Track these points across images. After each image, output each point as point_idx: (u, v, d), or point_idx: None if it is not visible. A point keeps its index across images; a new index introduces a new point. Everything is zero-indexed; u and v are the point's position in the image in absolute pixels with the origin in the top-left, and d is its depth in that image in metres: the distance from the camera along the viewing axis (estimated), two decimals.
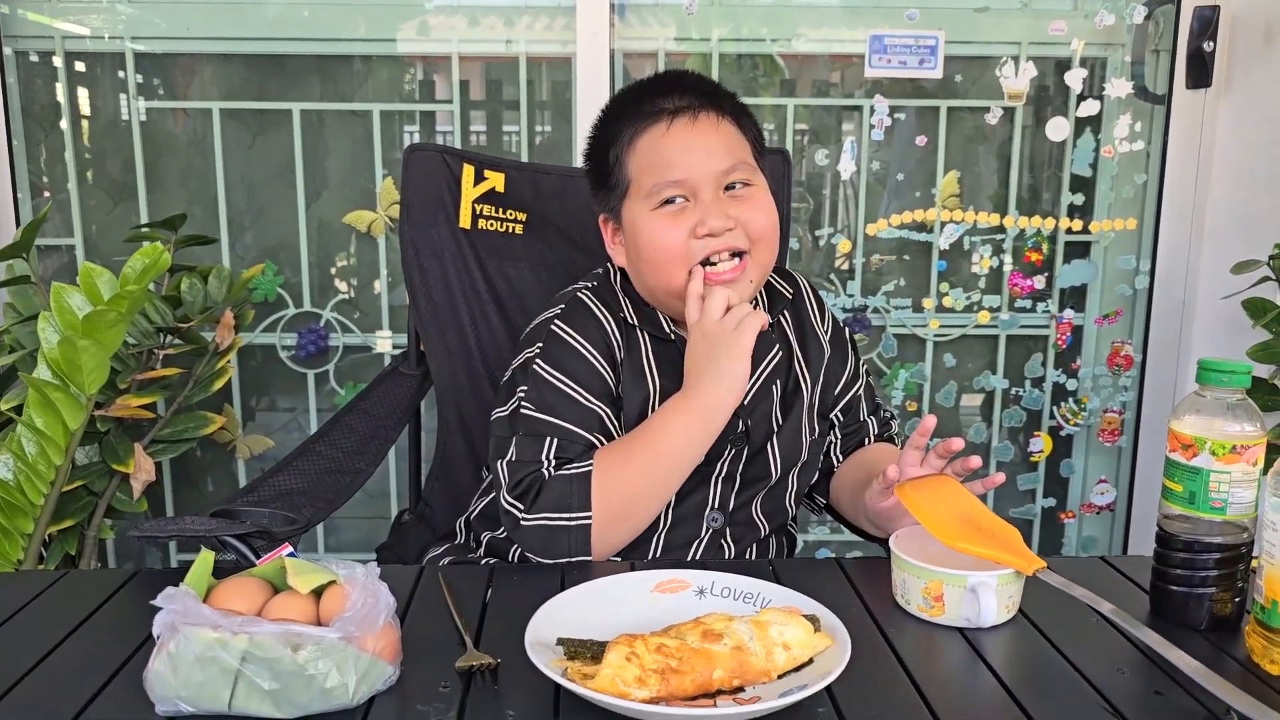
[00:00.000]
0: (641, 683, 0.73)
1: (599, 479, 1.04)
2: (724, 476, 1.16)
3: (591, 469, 1.05)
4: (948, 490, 1.00)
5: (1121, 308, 2.10)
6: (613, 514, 1.04)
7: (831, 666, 0.76)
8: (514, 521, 1.07)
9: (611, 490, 1.04)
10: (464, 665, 0.81)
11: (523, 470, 1.08)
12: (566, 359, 1.13)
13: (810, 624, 0.80)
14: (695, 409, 1.05)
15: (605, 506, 1.04)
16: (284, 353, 2.05)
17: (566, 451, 1.08)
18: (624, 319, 1.16)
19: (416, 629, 0.89)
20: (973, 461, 1.04)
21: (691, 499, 1.14)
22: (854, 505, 1.22)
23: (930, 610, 0.91)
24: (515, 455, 1.09)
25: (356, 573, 0.83)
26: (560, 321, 1.16)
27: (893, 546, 0.95)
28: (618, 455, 1.06)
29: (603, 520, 1.04)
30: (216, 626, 0.75)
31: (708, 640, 0.77)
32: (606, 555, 1.07)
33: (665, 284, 1.12)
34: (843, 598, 0.97)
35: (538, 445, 1.09)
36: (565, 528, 1.04)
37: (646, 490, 1.05)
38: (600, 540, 1.04)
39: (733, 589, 0.90)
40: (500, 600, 0.95)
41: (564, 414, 1.10)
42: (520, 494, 1.07)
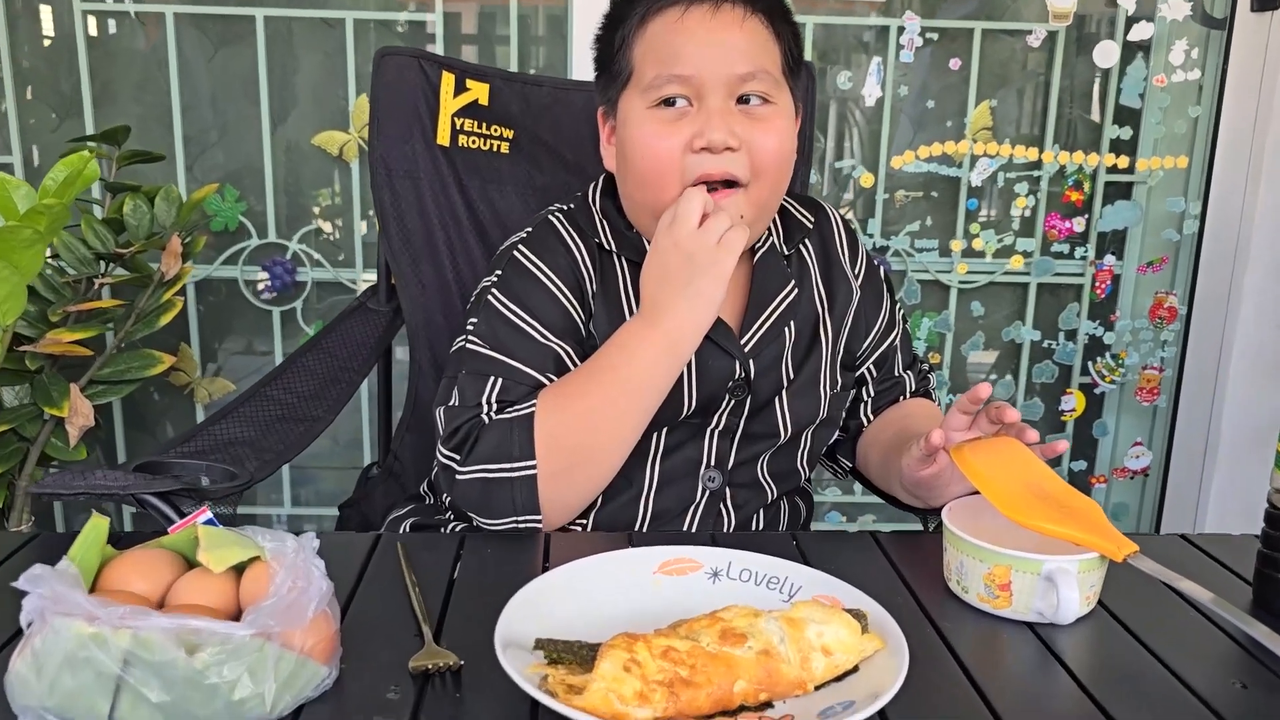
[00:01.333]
0: (644, 699, 0.56)
1: (544, 421, 0.88)
2: (721, 430, 0.99)
3: (534, 410, 0.88)
4: (1013, 455, 0.83)
5: (1166, 255, 1.93)
6: (562, 462, 0.87)
7: (883, 679, 0.60)
8: (450, 476, 0.90)
9: (559, 434, 0.87)
10: (419, 665, 0.65)
11: (460, 416, 0.91)
12: (526, 290, 0.96)
13: (856, 621, 0.63)
14: (661, 336, 0.88)
15: (552, 453, 0.87)
16: (247, 288, 1.86)
17: (510, 393, 0.91)
18: (599, 244, 0.99)
19: (366, 615, 0.73)
20: (1030, 434, 0.87)
21: (683, 454, 0.97)
22: (886, 471, 1.05)
23: (994, 601, 0.74)
24: (456, 399, 0.92)
25: (286, 547, 0.66)
26: (524, 247, 0.99)
27: (947, 521, 0.78)
28: (566, 392, 0.90)
29: (550, 470, 0.87)
30: (93, 618, 0.58)
31: (728, 642, 0.60)
32: (562, 517, 0.90)
33: (652, 200, 0.94)
34: (884, 583, 0.80)
35: (479, 386, 0.92)
36: (506, 480, 0.87)
37: (602, 433, 0.88)
38: (551, 496, 0.87)
39: (754, 571, 0.74)
40: (470, 578, 0.79)
41: (514, 351, 0.93)
42: (457, 444, 0.90)
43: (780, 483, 1.05)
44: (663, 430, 0.97)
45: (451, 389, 0.94)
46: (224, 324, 1.91)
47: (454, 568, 0.80)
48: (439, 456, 0.92)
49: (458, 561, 0.82)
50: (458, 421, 0.90)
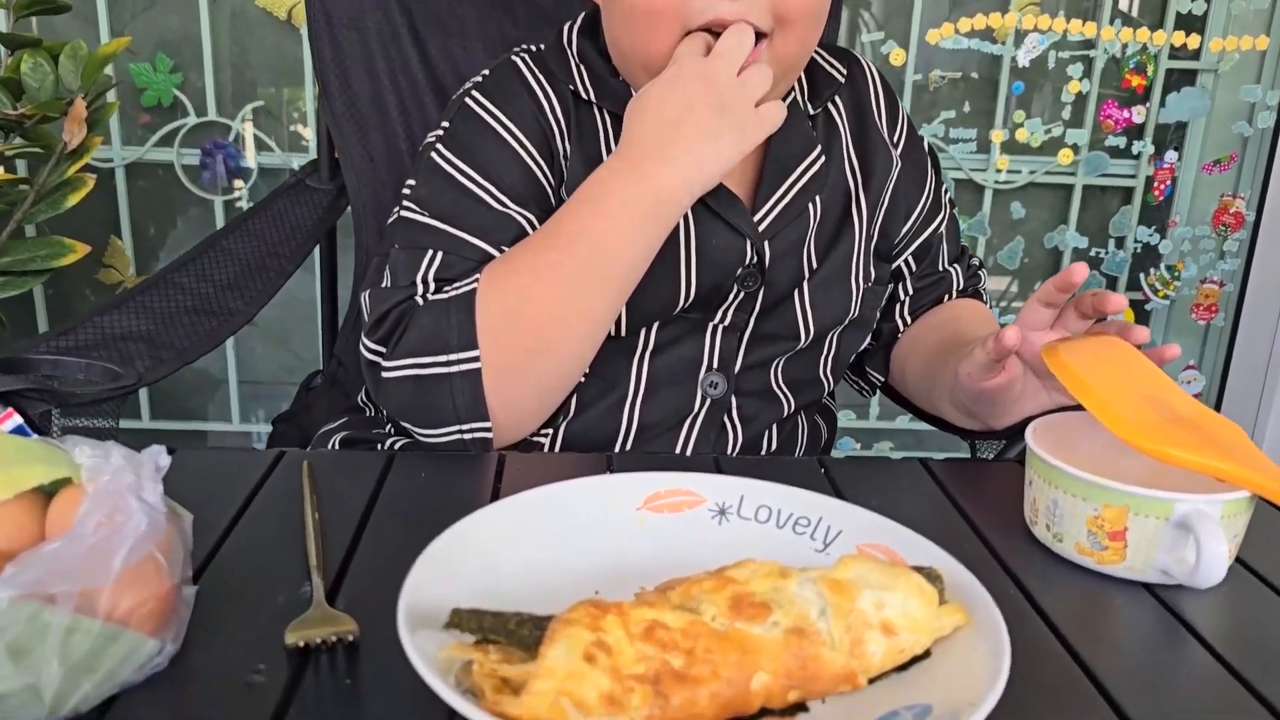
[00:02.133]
0: (614, 705, 0.36)
1: (489, 298, 0.67)
2: (727, 326, 0.78)
3: (476, 286, 0.68)
4: (1123, 359, 0.62)
5: (1235, 152, 1.70)
6: (513, 352, 0.67)
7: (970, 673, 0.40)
8: (376, 374, 0.70)
9: (508, 315, 0.67)
10: (300, 637, 0.45)
11: (388, 299, 0.71)
12: (478, 144, 0.75)
13: (930, 585, 0.43)
14: (648, 192, 0.67)
15: (499, 341, 0.67)
16: (184, 173, 1.63)
17: (452, 270, 0.71)
18: (574, 93, 0.77)
19: (242, 564, 0.53)
20: (1138, 333, 0.66)
21: (678, 352, 0.77)
22: (931, 383, 0.85)
23: (1100, 555, 0.55)
24: (387, 279, 0.72)
25: (110, 463, 0.46)
26: (478, 93, 0.78)
27: (1035, 446, 0.58)
28: (517, 263, 0.69)
29: (498, 363, 0.67)
30: None
31: (743, 616, 0.40)
32: (518, 424, 0.70)
33: (642, 48, 0.72)
34: (944, 527, 0.61)
35: (414, 262, 0.71)
36: (443, 377, 0.67)
37: (564, 314, 0.68)
38: (501, 396, 0.67)
39: (775, 508, 0.54)
40: (392, 512, 0.59)
41: (459, 218, 0.72)
42: (384, 334, 0.70)
43: (799, 394, 0.84)
44: (653, 326, 0.76)
45: (382, 268, 0.73)
46: (160, 215, 1.69)
47: (373, 495, 0.60)
48: (363, 350, 0.71)
49: (379, 490, 0.61)
50: (385, 305, 0.70)
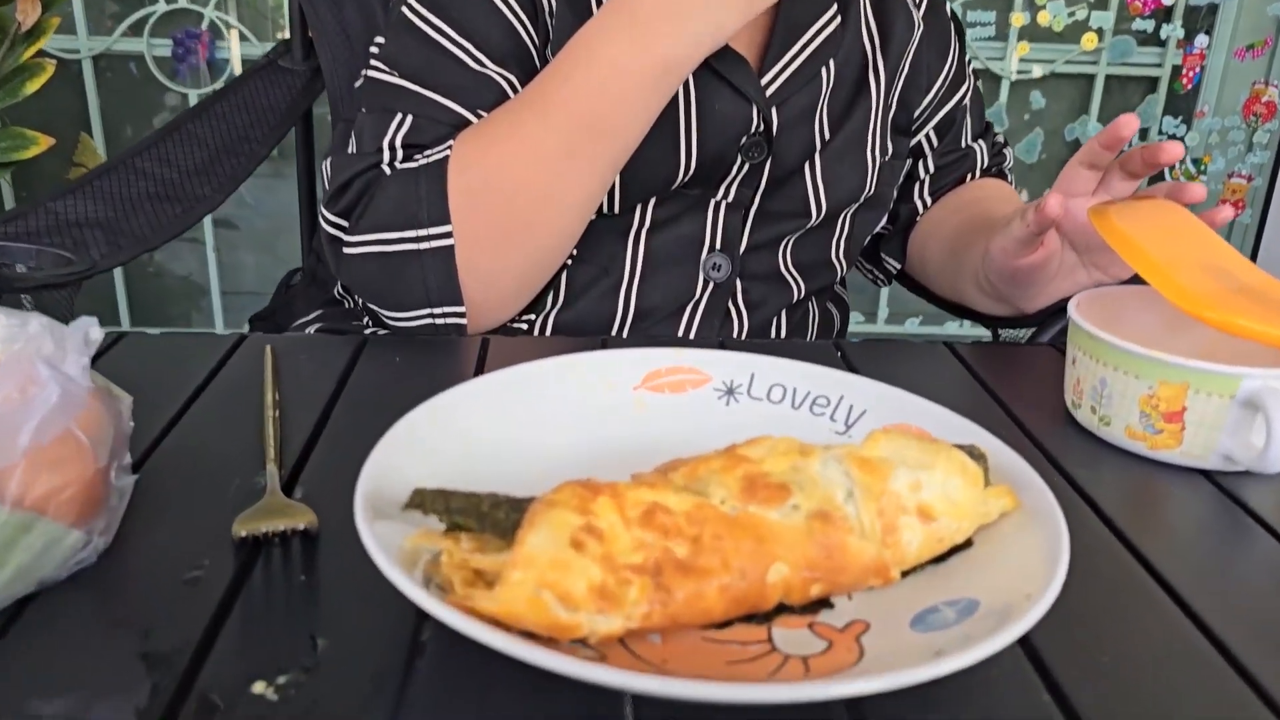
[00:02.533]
0: (608, 598, 0.31)
1: (462, 166, 0.60)
2: (731, 203, 0.71)
3: (448, 153, 0.61)
4: (1179, 223, 0.56)
5: (1270, 36, 1.59)
6: (489, 227, 0.60)
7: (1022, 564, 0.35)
8: (337, 250, 0.64)
9: (484, 184, 0.60)
10: (251, 528, 0.39)
11: (352, 166, 0.63)
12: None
13: (975, 464, 0.38)
14: (651, 50, 0.59)
15: (474, 213, 0.60)
16: (156, 66, 1.54)
17: (423, 134, 0.63)
18: None
19: (187, 452, 0.47)
20: (1194, 191, 0.60)
21: (677, 231, 0.70)
22: (954, 266, 0.78)
23: (1155, 439, 0.49)
24: (352, 145, 0.65)
25: (27, 329, 0.40)
26: None
27: (1079, 319, 0.52)
28: (495, 129, 0.61)
29: (472, 238, 0.60)
30: None
31: (758, 498, 0.34)
32: (497, 308, 0.64)
33: None
34: (975, 411, 0.55)
35: (381, 126, 0.64)
36: (412, 254, 0.60)
37: (547, 184, 0.61)
38: (477, 275, 0.61)
39: (789, 386, 0.47)
40: (361, 397, 0.53)
41: (431, 78, 0.64)
42: (346, 205, 0.63)
43: (809, 278, 0.77)
44: (649, 202, 0.69)
45: (348, 134, 0.66)
46: (132, 110, 1.60)
47: (339, 384, 0.54)
48: (323, 223, 0.64)
49: (347, 375, 0.55)
50: (348, 173, 0.63)
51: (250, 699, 0.32)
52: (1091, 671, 0.34)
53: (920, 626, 0.33)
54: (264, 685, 0.32)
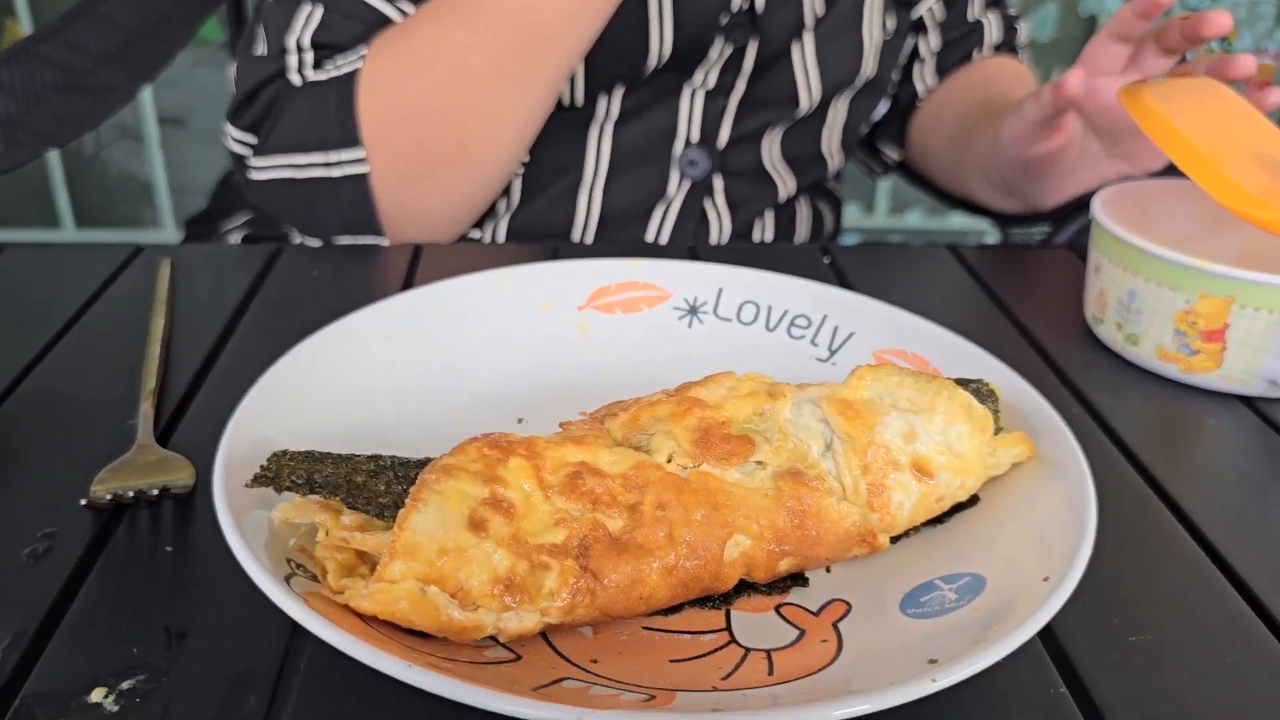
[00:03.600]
0: (518, 593, 0.24)
1: (376, 86, 0.51)
2: (711, 90, 0.62)
3: (360, 65, 0.52)
4: (1221, 106, 0.47)
5: None
6: (409, 158, 0.52)
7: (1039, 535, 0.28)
8: (243, 169, 0.56)
9: (402, 104, 0.51)
10: (109, 490, 0.33)
11: (257, 73, 0.54)
12: None
13: (982, 406, 0.31)
14: None
15: (391, 139, 0.51)
16: None
17: (335, 32, 0.54)
18: None
19: (50, 391, 0.40)
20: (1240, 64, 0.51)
21: (645, 122, 0.62)
22: (959, 156, 0.70)
23: (1190, 360, 0.42)
24: (260, 44, 0.56)
25: None
26: None
27: (1104, 219, 0.44)
28: (414, 36, 0.51)
29: (390, 168, 0.52)
30: None
31: (713, 453, 0.28)
32: (425, 234, 0.55)
33: None
34: (979, 330, 0.48)
35: (285, 21, 0.54)
36: (324, 182, 0.52)
37: (480, 112, 0.51)
38: (397, 203, 0.53)
39: (763, 305, 0.40)
40: (264, 321, 0.46)
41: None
42: (252, 120, 0.54)
43: (799, 173, 0.69)
44: (615, 90, 0.60)
45: (254, 31, 0.56)
46: None
47: (244, 301, 0.47)
48: (228, 140, 0.56)
49: (254, 292, 0.48)
50: (254, 80, 0.54)
51: (84, 710, 0.26)
52: (1116, 653, 0.28)
53: (913, 609, 0.27)
54: (104, 693, 0.26)
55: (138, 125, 1.53)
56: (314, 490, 0.25)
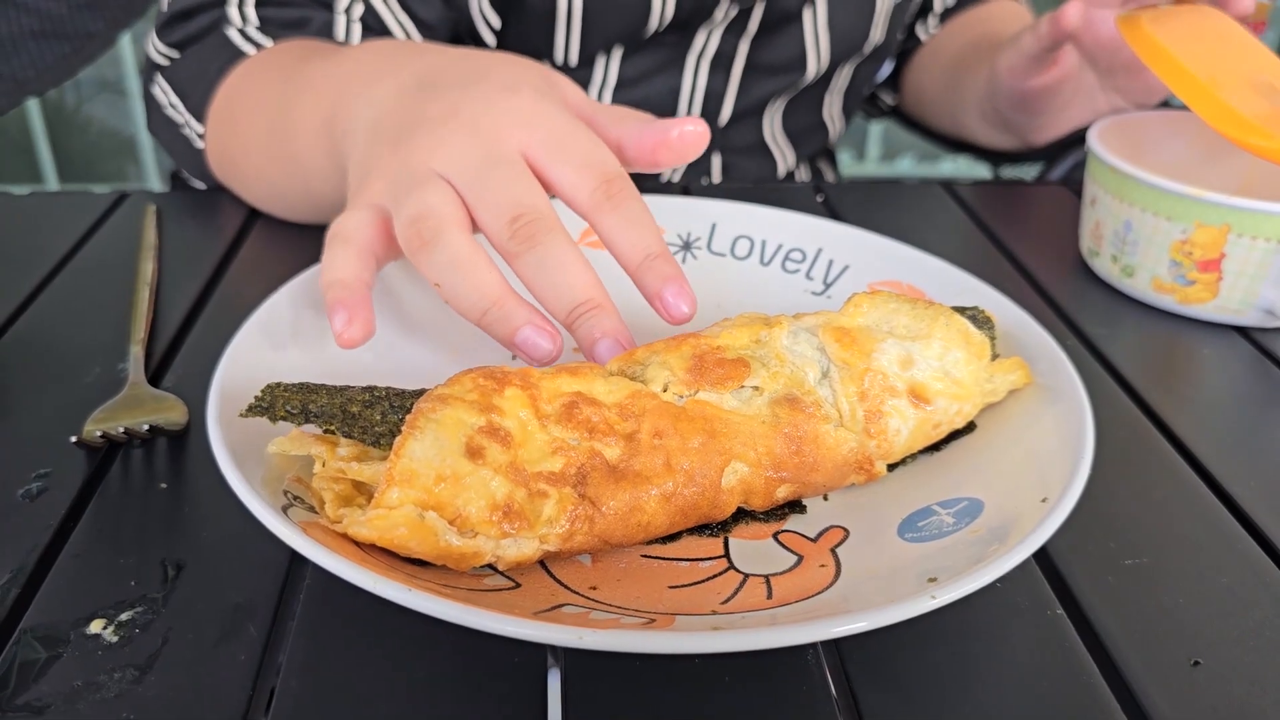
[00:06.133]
0: (517, 519, 0.24)
1: (227, 94, 0.49)
2: (714, 57, 0.61)
3: (243, 60, 0.49)
4: (1221, 35, 0.47)
5: None
6: (225, 167, 0.50)
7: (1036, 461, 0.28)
8: (149, 78, 0.54)
9: (227, 128, 0.49)
10: (101, 429, 0.33)
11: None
12: None
13: (979, 332, 0.31)
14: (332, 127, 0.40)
15: (219, 144, 0.50)
16: None
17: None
18: None
19: (41, 333, 0.40)
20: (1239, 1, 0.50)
21: (645, 89, 0.61)
22: (955, 94, 0.69)
23: (1186, 291, 0.42)
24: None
25: None
26: None
27: (1100, 150, 0.44)
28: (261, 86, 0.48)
29: (217, 161, 0.51)
30: None
31: (708, 379, 0.28)
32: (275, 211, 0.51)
33: None
34: (974, 264, 0.47)
35: None
36: (182, 130, 0.51)
37: (262, 177, 0.49)
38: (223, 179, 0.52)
39: (758, 239, 0.40)
40: (251, 266, 0.45)
41: None
42: (176, 40, 0.52)
43: (799, 144, 0.68)
44: (615, 53, 0.59)
45: None
46: None
47: (232, 246, 0.46)
48: (149, 48, 0.54)
49: (242, 236, 0.47)
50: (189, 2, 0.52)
51: (84, 641, 0.26)
52: (1112, 576, 0.29)
53: (910, 534, 0.27)
54: (102, 624, 0.26)
55: (120, 79, 1.50)
56: (309, 420, 0.25)
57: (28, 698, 0.24)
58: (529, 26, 0.57)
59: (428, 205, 0.29)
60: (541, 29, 0.57)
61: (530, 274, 0.29)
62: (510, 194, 0.30)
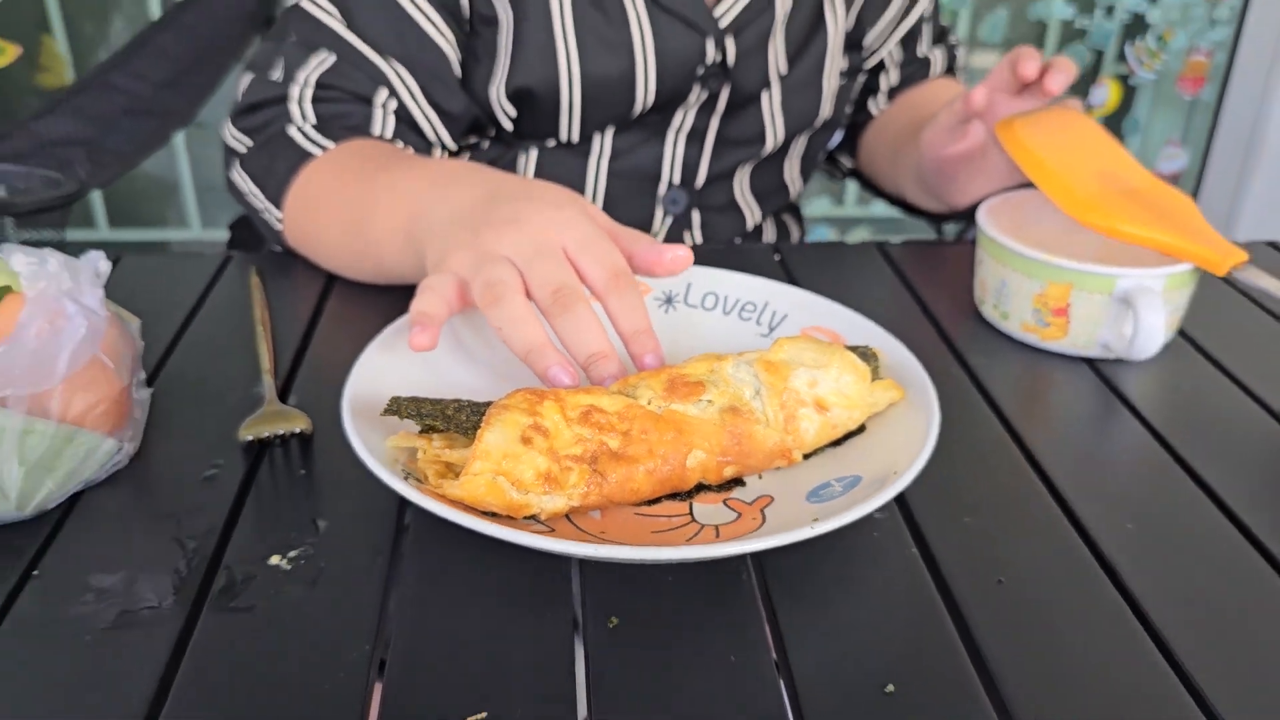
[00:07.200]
0: (553, 482, 0.38)
1: (304, 186, 0.63)
2: (688, 132, 0.75)
3: (312, 159, 0.63)
4: (1080, 133, 0.61)
5: None
6: (303, 243, 0.65)
7: (902, 445, 0.42)
8: (229, 162, 0.68)
9: (305, 214, 0.63)
10: (254, 433, 0.46)
11: (266, 91, 0.66)
12: None
13: (864, 364, 0.44)
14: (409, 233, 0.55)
15: (297, 226, 0.64)
16: None
17: (341, 78, 0.66)
18: None
19: (193, 367, 0.53)
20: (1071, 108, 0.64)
21: (634, 160, 0.75)
22: (896, 164, 0.83)
23: (1045, 331, 0.56)
24: (278, 71, 0.67)
25: (46, 268, 0.45)
26: None
27: (985, 224, 0.58)
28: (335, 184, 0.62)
29: (294, 237, 0.65)
30: None
31: (678, 396, 0.41)
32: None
33: None
34: (895, 310, 0.61)
35: (301, 60, 0.66)
36: (263, 213, 0.66)
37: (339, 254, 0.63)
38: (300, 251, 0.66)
39: (722, 295, 0.54)
40: (344, 314, 0.59)
41: (359, 16, 0.66)
42: (250, 127, 0.67)
43: (764, 202, 0.83)
44: (608, 130, 0.73)
45: (272, 56, 0.67)
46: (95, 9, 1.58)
47: (321, 299, 0.60)
48: (225, 134, 0.68)
49: (328, 291, 0.61)
50: (261, 95, 0.66)
51: (269, 569, 0.39)
52: (955, 527, 0.42)
53: (814, 499, 0.41)
54: (279, 558, 0.40)
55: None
56: (421, 419, 0.39)
57: (238, 603, 0.38)
58: (539, 115, 0.71)
59: (497, 276, 0.44)
60: (549, 116, 0.71)
61: (562, 329, 0.43)
62: (553, 275, 0.44)
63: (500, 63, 0.69)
